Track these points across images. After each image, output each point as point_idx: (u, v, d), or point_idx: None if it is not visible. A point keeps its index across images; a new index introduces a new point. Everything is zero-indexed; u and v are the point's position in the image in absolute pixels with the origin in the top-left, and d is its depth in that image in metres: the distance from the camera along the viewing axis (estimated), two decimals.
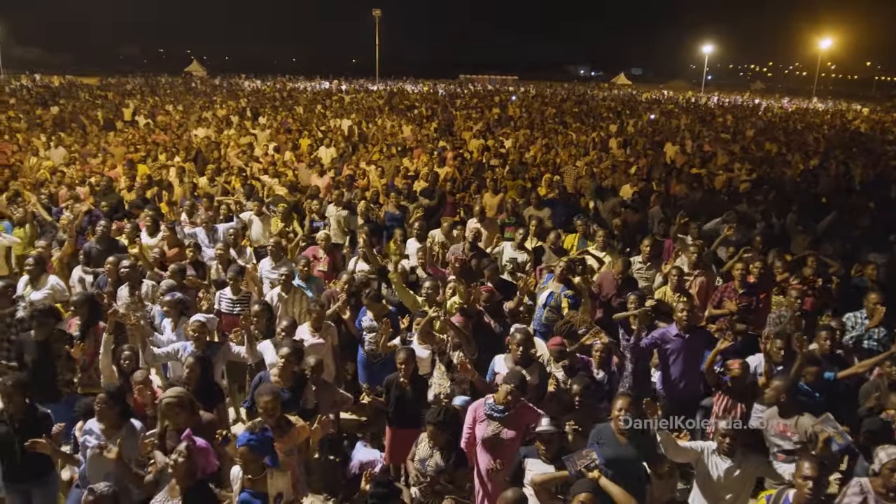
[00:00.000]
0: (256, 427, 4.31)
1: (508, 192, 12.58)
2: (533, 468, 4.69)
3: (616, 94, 59.73)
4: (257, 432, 4.27)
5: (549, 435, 4.71)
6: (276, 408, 4.81)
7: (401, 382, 5.79)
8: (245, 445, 4.22)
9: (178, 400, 4.72)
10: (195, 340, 5.88)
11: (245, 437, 4.24)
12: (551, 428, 4.73)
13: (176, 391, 4.79)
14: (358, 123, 22.30)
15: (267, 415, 4.76)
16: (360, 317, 6.95)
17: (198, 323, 5.90)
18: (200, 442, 4.25)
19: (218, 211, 9.72)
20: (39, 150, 15.57)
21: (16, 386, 4.86)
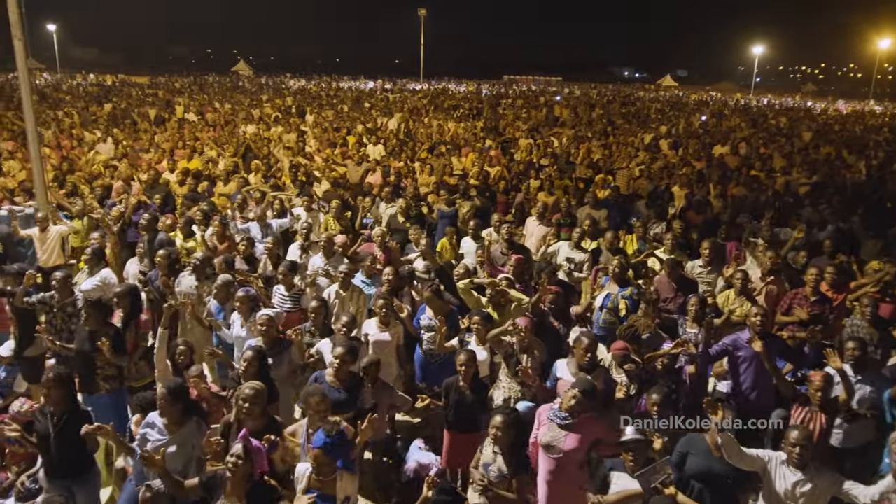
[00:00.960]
0: (332, 429, 4.13)
1: (555, 191, 12.38)
2: (619, 482, 4.42)
3: (662, 95, 58.74)
4: (333, 434, 4.10)
5: (635, 444, 4.44)
6: (326, 409, 4.64)
7: (460, 386, 5.58)
8: (320, 448, 4.07)
9: (255, 392, 4.57)
10: (263, 335, 5.76)
11: (321, 439, 4.08)
12: (638, 436, 4.46)
13: (254, 384, 4.65)
14: (405, 122, 22.22)
15: (317, 416, 4.59)
16: (419, 315, 6.77)
17: (266, 317, 5.77)
18: (255, 442, 4.10)
19: (271, 206, 9.65)
20: (95, 146, 15.83)
21: (57, 380, 4.78)
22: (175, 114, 25.12)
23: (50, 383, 4.72)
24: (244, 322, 6.33)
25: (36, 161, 9.33)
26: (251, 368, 5.19)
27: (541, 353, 5.92)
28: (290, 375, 5.79)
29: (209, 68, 75.43)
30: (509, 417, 4.52)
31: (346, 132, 19.33)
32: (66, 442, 4.68)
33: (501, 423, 4.48)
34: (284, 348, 5.82)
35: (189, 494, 4.26)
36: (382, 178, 12.77)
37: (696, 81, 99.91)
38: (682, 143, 20.95)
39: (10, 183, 12.39)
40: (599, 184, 13.39)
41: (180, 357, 5.93)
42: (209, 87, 42.33)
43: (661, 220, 10.35)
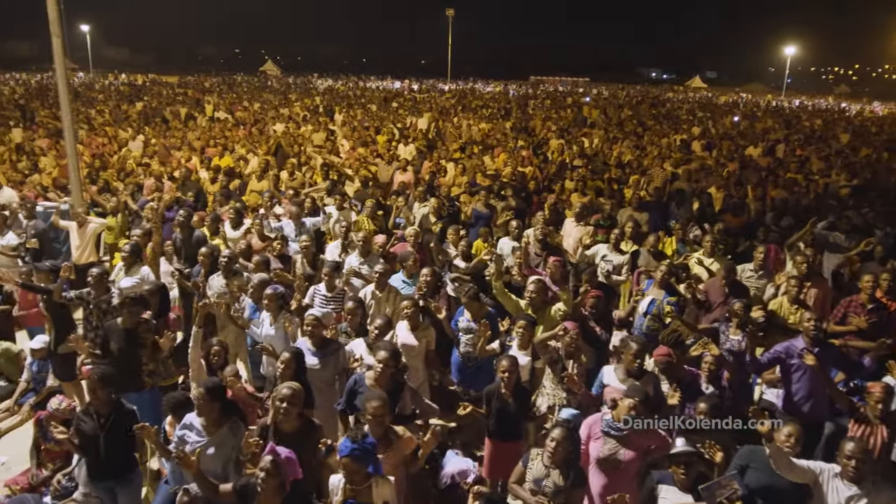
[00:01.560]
0: (358, 435, 3.99)
1: (588, 192, 12.15)
2: (667, 496, 4.21)
3: (691, 96, 57.96)
4: (359, 440, 3.95)
5: (687, 457, 4.22)
6: (384, 414, 4.48)
7: (502, 393, 5.40)
8: (348, 456, 3.92)
9: (293, 393, 4.43)
10: (310, 337, 5.61)
11: (347, 447, 3.93)
12: (689, 448, 4.24)
13: (291, 384, 4.51)
14: (435, 121, 22.10)
15: (375, 422, 4.43)
16: (457, 317, 6.60)
17: (312, 317, 5.62)
18: (284, 452, 3.97)
19: (303, 204, 9.55)
20: (127, 143, 15.93)
21: (102, 380, 4.69)
22: (205, 112, 25.27)
23: (95, 383, 4.64)
24: (273, 320, 6.21)
25: (72, 158, 9.34)
26: (288, 370, 5.05)
27: (588, 358, 5.72)
28: (335, 378, 5.65)
29: (237, 68, 76.09)
30: (568, 431, 4.33)
31: (376, 131, 19.26)
32: (114, 442, 4.59)
33: (561, 437, 4.29)
34: (334, 350, 5.66)
35: (223, 499, 4.14)
36: (414, 178, 12.63)
37: (726, 83, 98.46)
38: (715, 145, 20.58)
39: (45, 180, 12.49)
40: (634, 185, 13.15)
41: (214, 357, 5.83)
42: (238, 86, 42.61)
43: (700, 222, 10.10)
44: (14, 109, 23.87)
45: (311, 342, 5.63)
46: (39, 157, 14.12)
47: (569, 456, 4.44)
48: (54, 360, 6.93)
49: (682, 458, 4.30)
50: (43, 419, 5.82)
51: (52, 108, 24.81)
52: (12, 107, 24.87)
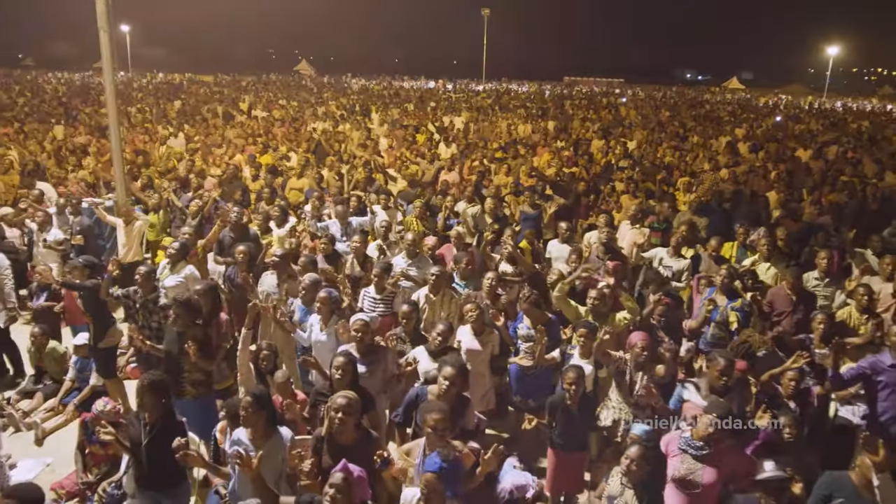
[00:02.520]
0: (449, 454, 3.70)
1: (639, 194, 11.75)
2: None
3: (729, 97, 56.80)
4: (450, 459, 3.67)
5: (778, 482, 3.87)
6: (446, 428, 4.19)
7: (568, 405, 5.08)
8: (436, 473, 3.64)
9: (348, 403, 4.15)
10: (357, 342, 5.33)
11: (436, 463, 3.66)
12: (780, 474, 3.89)
13: (346, 393, 4.23)
14: (473, 121, 21.81)
15: (435, 436, 4.15)
16: (516, 323, 6.29)
17: (360, 322, 5.32)
18: (356, 470, 3.70)
19: (348, 203, 9.32)
20: (167, 141, 15.92)
21: (151, 387, 4.46)
22: (242, 110, 25.33)
23: (144, 389, 4.40)
24: (324, 325, 5.95)
25: (116, 154, 9.23)
26: (345, 376, 4.78)
27: (667, 370, 5.37)
28: (385, 385, 5.37)
29: (271, 68, 76.66)
30: (644, 449, 4.00)
31: (415, 130, 19.03)
32: (159, 452, 4.34)
33: (636, 456, 3.96)
34: (380, 356, 5.38)
35: None
36: (459, 178, 12.35)
37: (763, 84, 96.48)
38: (761, 147, 19.95)
39: (89, 177, 12.47)
40: (684, 188, 12.72)
41: (264, 361, 5.60)
42: (273, 85, 42.83)
43: (757, 226, 9.66)
44: (57, 107, 24.18)
45: (357, 348, 5.36)
46: (82, 154, 14.12)
47: (645, 476, 4.11)
48: (95, 357, 6.79)
49: (771, 484, 3.95)
50: (88, 421, 5.65)
51: (93, 105, 25.13)
52: (55, 104, 25.20)
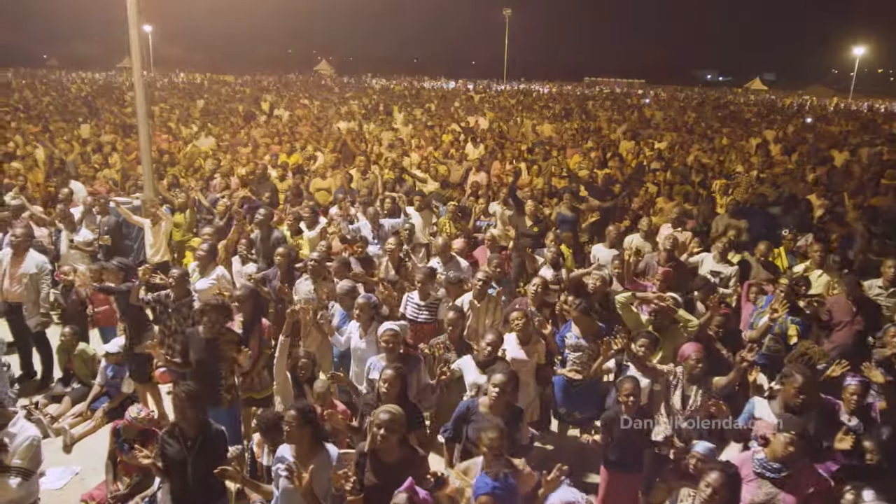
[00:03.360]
0: (499, 473, 3.44)
1: (675, 197, 11.41)
2: None
3: (753, 98, 55.97)
4: (500, 478, 3.40)
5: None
6: (503, 447, 3.92)
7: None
8: (489, 494, 3.37)
9: (392, 418, 3.89)
10: (387, 352, 5.08)
11: (488, 484, 3.40)
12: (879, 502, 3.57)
13: (390, 408, 3.97)
14: (498, 121, 21.52)
15: (492, 456, 3.87)
16: (564, 332, 6.00)
17: (390, 332, 5.07)
18: (422, 493, 3.44)
19: (382, 205, 9.07)
20: (194, 140, 15.79)
21: (190, 398, 4.22)
22: (264, 110, 25.22)
23: (182, 402, 4.15)
24: (364, 332, 5.69)
25: (145, 153, 9.05)
26: (392, 390, 4.52)
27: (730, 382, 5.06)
28: (419, 396, 5.10)
29: (290, 68, 76.74)
30: (728, 477, 3.69)
31: (440, 130, 18.77)
32: (202, 467, 4.10)
33: (719, 484, 3.65)
34: (413, 366, 5.11)
35: None
36: (489, 178, 12.08)
37: (785, 85, 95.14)
38: (795, 149, 19.46)
39: (116, 175, 12.35)
40: (721, 191, 12.35)
41: (302, 370, 5.35)
42: (294, 85, 42.81)
43: (804, 231, 9.30)
44: (81, 106, 24.22)
45: (387, 358, 5.10)
46: (109, 152, 14.02)
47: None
48: (130, 361, 6.59)
49: None
50: (120, 429, 5.44)
51: (117, 104, 25.17)
52: (80, 103, 25.26)
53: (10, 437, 4.25)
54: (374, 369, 5.10)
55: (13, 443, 4.25)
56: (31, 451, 4.30)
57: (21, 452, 4.25)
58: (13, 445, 4.24)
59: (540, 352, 5.78)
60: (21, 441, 4.27)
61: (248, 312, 5.78)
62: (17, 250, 7.16)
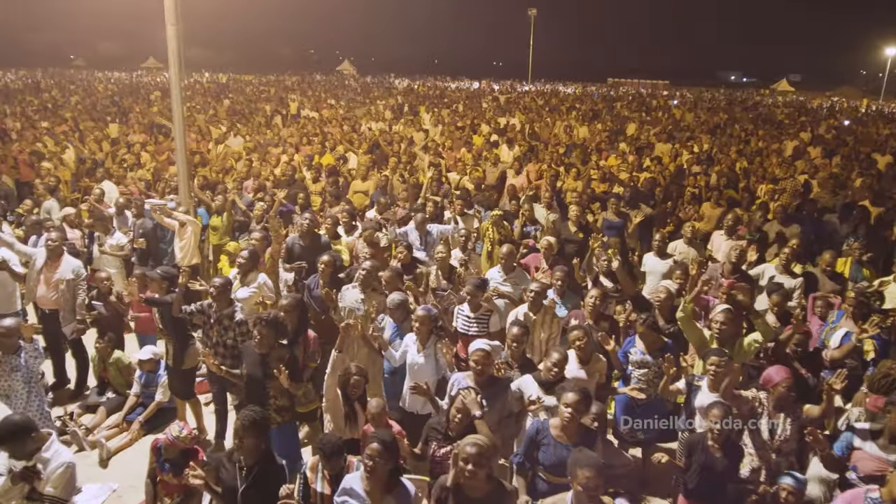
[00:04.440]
0: None
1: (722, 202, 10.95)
2: None
3: (780, 100, 54.98)
4: None
5: None
6: (600, 486, 3.55)
7: (710, 446, 4.41)
8: None
9: (480, 451, 3.54)
10: (476, 375, 4.71)
11: None
12: None
13: (478, 440, 3.61)
14: (530, 122, 21.12)
15: (587, 496, 3.52)
16: (626, 347, 5.64)
17: (481, 352, 4.69)
18: None
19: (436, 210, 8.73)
20: (223, 140, 15.58)
21: (252, 426, 3.92)
22: (290, 110, 25.04)
23: (243, 430, 3.85)
24: (421, 347, 5.36)
25: (180, 153, 8.80)
26: (466, 419, 4.20)
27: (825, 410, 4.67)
28: (501, 424, 4.74)
29: (312, 68, 76.84)
30: None
31: (472, 131, 18.42)
32: (255, 499, 3.79)
33: None
34: (500, 391, 4.73)
35: None
36: (527, 181, 11.71)
37: (812, 86, 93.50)
38: (836, 152, 18.85)
39: (148, 175, 12.16)
40: (768, 195, 11.88)
41: (354, 388, 5.03)
42: (319, 85, 42.73)
43: (867, 240, 8.83)
44: (109, 105, 24.20)
45: (475, 381, 4.74)
46: (139, 152, 13.85)
47: None
48: (173, 377, 6.32)
49: None
50: (161, 447, 5.15)
51: (145, 104, 25.15)
52: (107, 102, 25.26)
53: (44, 463, 3.98)
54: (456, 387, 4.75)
55: (47, 468, 3.98)
56: (66, 478, 4.02)
57: (55, 480, 3.98)
58: (47, 472, 3.97)
59: (601, 370, 5.43)
60: (55, 467, 3.99)
61: (293, 323, 5.47)
62: (52, 255, 6.93)
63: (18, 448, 3.87)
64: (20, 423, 3.92)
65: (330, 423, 5.10)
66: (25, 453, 3.90)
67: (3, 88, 31.92)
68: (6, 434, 3.85)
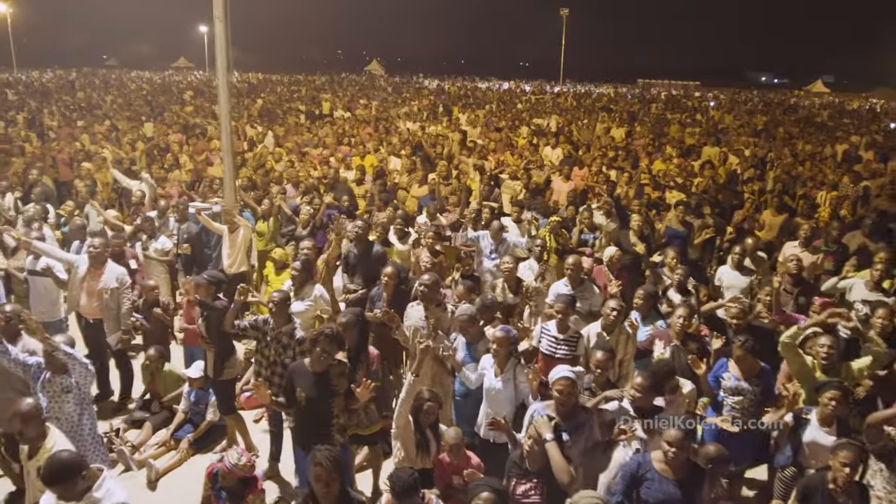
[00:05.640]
0: None
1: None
2: None
3: (817, 101, 53.69)
4: None
5: None
6: None
7: (831, 490, 3.93)
8: None
9: None
10: (559, 405, 4.29)
11: None
12: None
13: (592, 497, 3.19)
14: (568, 124, 20.60)
15: None
16: (718, 371, 5.16)
17: (565, 381, 4.24)
18: None
19: (479, 216, 8.29)
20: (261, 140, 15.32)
21: (336, 467, 3.51)
22: (322, 109, 24.81)
23: (328, 475, 3.44)
24: (500, 371, 4.92)
25: (227, 155, 8.46)
26: (540, 447, 3.77)
27: None
28: (586, 456, 4.30)
29: (340, 68, 76.86)
30: None
31: (513, 133, 17.96)
32: None
33: None
34: (585, 422, 4.29)
35: None
36: (577, 186, 11.22)
37: (847, 87, 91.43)
38: (888, 156, 18.05)
39: (186, 176, 11.90)
40: (831, 203, 11.26)
41: (428, 414, 4.61)
42: (350, 85, 42.57)
43: None
44: (144, 105, 24.14)
45: (558, 411, 4.30)
46: (178, 152, 13.60)
47: None
48: (214, 390, 5.97)
49: None
50: (218, 473, 4.78)
51: (179, 104, 25.08)
52: (141, 102, 25.22)
53: None
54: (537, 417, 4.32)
55: None
56: None
57: None
58: None
59: (691, 398, 4.96)
60: None
61: (353, 339, 5.08)
62: (96, 262, 6.60)
63: (68, 489, 3.50)
64: (68, 462, 3.55)
65: (400, 451, 4.68)
66: (75, 494, 3.52)
67: (41, 88, 32.10)
68: (54, 475, 3.47)
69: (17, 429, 4.04)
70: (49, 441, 4.10)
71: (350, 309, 5.55)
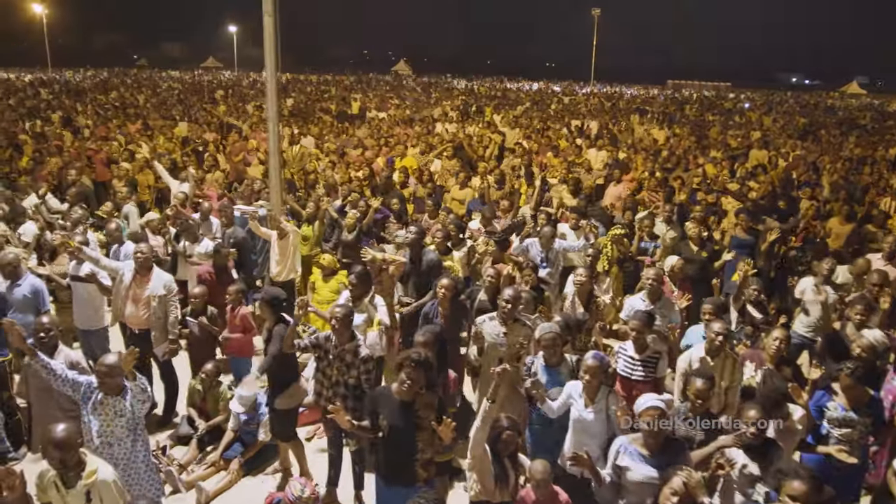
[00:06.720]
0: None
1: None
2: None
3: (854, 103, 52.30)
4: None
5: None
6: None
7: None
8: None
9: None
10: (649, 439, 3.86)
11: None
12: None
13: None
14: (606, 125, 20.07)
15: None
16: (821, 400, 4.70)
17: (655, 411, 3.85)
18: None
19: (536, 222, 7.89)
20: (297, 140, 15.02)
21: None
22: (352, 109, 24.56)
23: None
24: (590, 401, 4.48)
25: (274, 157, 8.14)
26: None
27: None
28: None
29: (366, 68, 76.79)
30: None
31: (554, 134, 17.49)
32: None
33: None
34: (678, 457, 3.85)
35: None
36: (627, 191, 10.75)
37: (881, 89, 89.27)
38: None
39: (222, 177, 11.62)
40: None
41: (507, 444, 4.20)
42: (379, 84, 42.38)
43: None
44: (176, 104, 24.06)
45: (646, 444, 3.89)
46: (214, 152, 13.34)
47: None
48: (272, 416, 5.60)
49: None
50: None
51: (210, 103, 24.98)
52: (173, 101, 25.15)
53: None
54: (623, 454, 3.90)
55: None
56: None
57: None
58: None
59: (804, 423, 4.49)
60: None
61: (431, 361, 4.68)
62: (142, 269, 6.28)
63: None
64: None
65: (476, 485, 4.29)
66: None
67: (75, 87, 32.27)
68: None
69: (55, 458, 3.61)
70: (91, 465, 3.73)
71: (429, 327, 5.12)
